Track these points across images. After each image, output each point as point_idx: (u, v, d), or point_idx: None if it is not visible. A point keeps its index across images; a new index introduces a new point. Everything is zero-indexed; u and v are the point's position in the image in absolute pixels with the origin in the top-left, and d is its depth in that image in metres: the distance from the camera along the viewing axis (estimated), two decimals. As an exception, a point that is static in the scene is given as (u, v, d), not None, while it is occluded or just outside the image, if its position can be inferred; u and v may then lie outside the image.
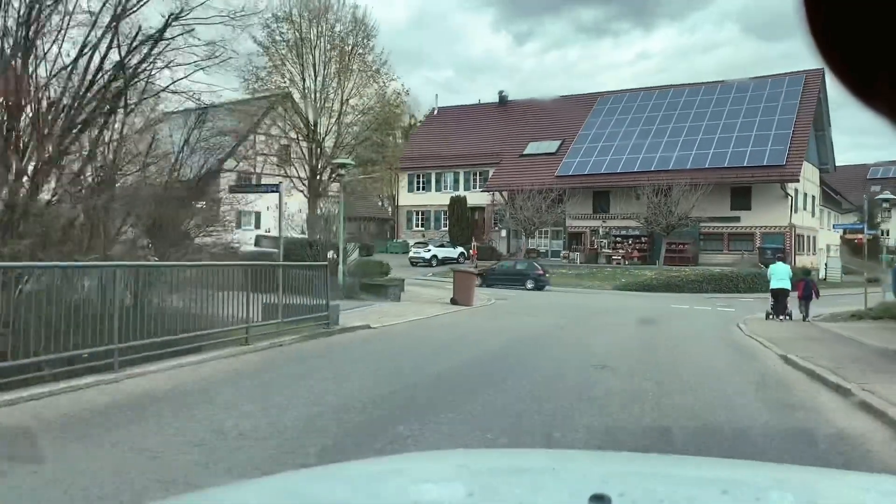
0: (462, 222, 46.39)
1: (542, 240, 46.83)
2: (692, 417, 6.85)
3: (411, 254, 41.46)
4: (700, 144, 41.15)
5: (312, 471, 2.74)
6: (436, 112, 56.19)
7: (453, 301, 21.15)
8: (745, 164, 38.46)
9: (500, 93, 53.80)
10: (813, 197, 44.98)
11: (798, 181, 37.79)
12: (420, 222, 51.18)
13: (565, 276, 35.32)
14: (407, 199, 51.51)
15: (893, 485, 1.80)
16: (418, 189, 51.51)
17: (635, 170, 40.84)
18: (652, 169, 39.88)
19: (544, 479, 1.61)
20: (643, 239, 42.26)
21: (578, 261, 42.83)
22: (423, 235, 48.94)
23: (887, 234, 69.52)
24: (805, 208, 42.41)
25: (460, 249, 41.50)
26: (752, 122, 40.31)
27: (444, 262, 41.53)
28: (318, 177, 27.01)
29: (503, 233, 46.74)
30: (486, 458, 2.28)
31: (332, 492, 1.57)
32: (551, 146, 46.76)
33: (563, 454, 3.03)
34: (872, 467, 5.15)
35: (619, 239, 42.95)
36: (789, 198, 38.82)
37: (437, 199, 49.32)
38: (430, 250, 41.00)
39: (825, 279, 38.55)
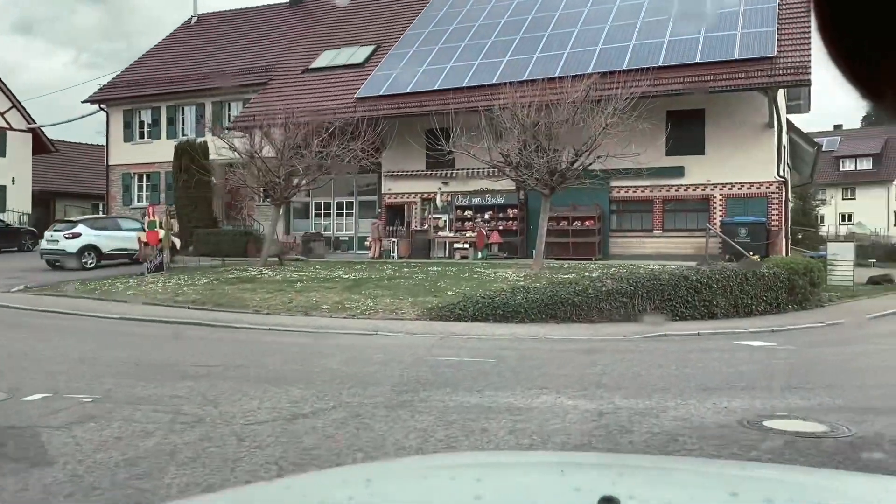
0: (199, 187, 25.73)
1: (345, 219, 27.01)
2: None
3: (44, 244, 20.55)
4: (610, 35, 22.45)
5: (318, 473, 2.67)
6: (194, 21, 35.26)
7: None
8: (697, 60, 20.01)
9: (293, -15, 33.40)
10: (784, 146, 27.31)
11: (808, 84, 19.64)
12: (145, 191, 30.16)
13: (327, 287, 15.50)
14: (123, 153, 30.30)
15: None
16: (142, 137, 30.44)
17: (494, 80, 21.57)
18: (525, 77, 20.74)
19: (553, 481, 1.58)
20: (511, 210, 23.21)
21: (397, 253, 23.25)
22: (146, 213, 27.92)
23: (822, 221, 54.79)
24: (781, 160, 24.57)
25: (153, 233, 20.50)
26: (703, -6, 21.98)
27: (116, 257, 20.91)
28: None
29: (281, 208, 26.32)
30: (494, 460, 2.34)
31: (339, 494, 1.53)
32: (358, 54, 26.97)
33: (571, 456, 3.13)
34: None
35: (468, 212, 23.72)
36: (777, 127, 20.73)
37: (172, 150, 28.37)
38: (78, 236, 20.13)
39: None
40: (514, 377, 7.31)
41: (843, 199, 55.56)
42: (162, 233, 19.44)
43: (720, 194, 20.86)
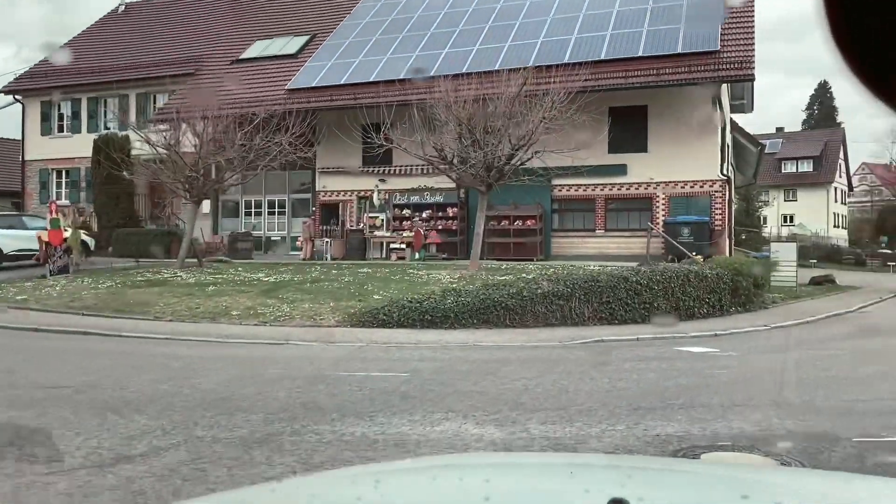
0: (120, 184, 24.03)
1: (277, 218, 25.70)
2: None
3: (-63, 243, 18.75)
4: (552, 28, 21.72)
5: (327, 473, 2.72)
6: (122, 9, 33.37)
7: None
8: (639, 54, 19.36)
9: (227, -27, 31.77)
10: (728, 145, 27.00)
11: (752, 79, 19.12)
12: (64, 188, 28.26)
13: (242, 291, 14.26)
14: (41, 147, 28.33)
15: None
16: (61, 130, 28.55)
17: (432, 73, 20.56)
18: (464, 70, 19.81)
19: (562, 482, 1.58)
20: (450, 209, 22.26)
21: (330, 254, 22.07)
22: (67, 212, 26.17)
23: (764, 222, 55.39)
24: (725, 159, 24.17)
25: (75, 234, 18.67)
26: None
27: (19, 258, 19.23)
28: None
29: (206, 206, 24.86)
30: (503, 461, 2.33)
31: (348, 494, 1.52)
32: (291, 45, 25.70)
33: (580, 458, 3.05)
34: None
35: (406, 211, 22.68)
36: (721, 124, 20.24)
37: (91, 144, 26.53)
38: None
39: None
40: (421, 396, 6.28)
41: (785, 200, 56.33)
42: (69, 232, 17.89)
43: (663, 193, 20.27)
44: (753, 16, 19.88)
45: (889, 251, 39.33)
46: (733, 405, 6.10)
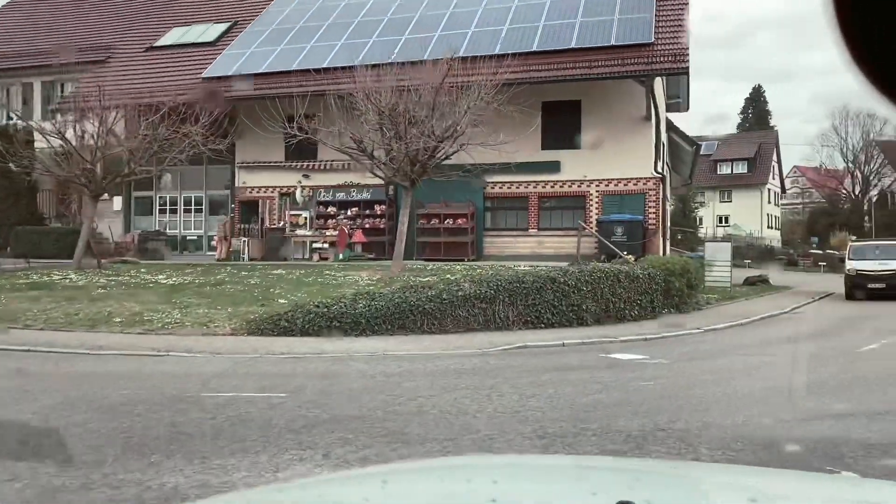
0: (20, 179, 22.08)
1: (194, 216, 24.12)
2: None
3: None
4: (483, 18, 20.80)
5: (334, 474, 2.67)
6: (30, -9, 31.10)
7: None
8: (572, 46, 18.58)
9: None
10: (663, 144, 26.58)
11: (686, 72, 18.48)
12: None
13: (133, 295, 12.83)
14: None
15: None
16: (-45, 119, 26.32)
17: (358, 62, 19.35)
18: (391, 60, 18.65)
19: (569, 484, 1.58)
20: (378, 207, 21.14)
21: (248, 254, 20.67)
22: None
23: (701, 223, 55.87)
24: (660, 157, 23.67)
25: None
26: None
27: None
28: None
29: (118, 203, 23.11)
30: (510, 462, 2.36)
31: (354, 495, 1.51)
32: (210, 32, 24.13)
33: (588, 460, 3.00)
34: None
35: (331, 209, 21.45)
36: (654, 121, 19.67)
37: (-9, 136, 24.45)
38: None
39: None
40: (286, 426, 5.17)
41: (721, 201, 56.98)
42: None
43: (597, 191, 19.57)
44: (687, 8, 19.36)
45: (820, 251, 39.90)
46: (656, 429, 5.19)
